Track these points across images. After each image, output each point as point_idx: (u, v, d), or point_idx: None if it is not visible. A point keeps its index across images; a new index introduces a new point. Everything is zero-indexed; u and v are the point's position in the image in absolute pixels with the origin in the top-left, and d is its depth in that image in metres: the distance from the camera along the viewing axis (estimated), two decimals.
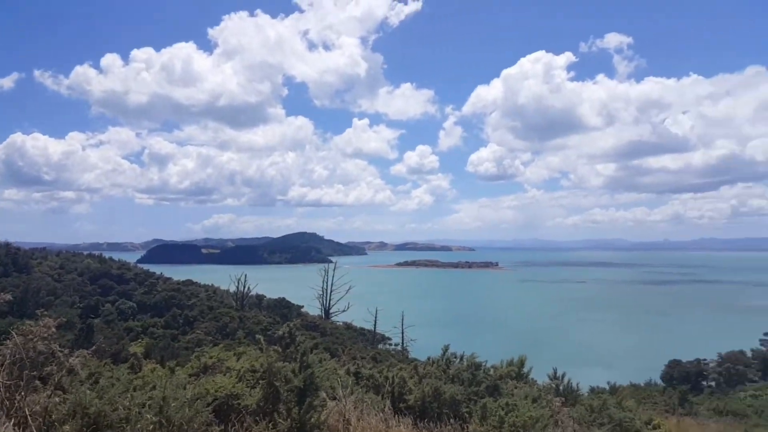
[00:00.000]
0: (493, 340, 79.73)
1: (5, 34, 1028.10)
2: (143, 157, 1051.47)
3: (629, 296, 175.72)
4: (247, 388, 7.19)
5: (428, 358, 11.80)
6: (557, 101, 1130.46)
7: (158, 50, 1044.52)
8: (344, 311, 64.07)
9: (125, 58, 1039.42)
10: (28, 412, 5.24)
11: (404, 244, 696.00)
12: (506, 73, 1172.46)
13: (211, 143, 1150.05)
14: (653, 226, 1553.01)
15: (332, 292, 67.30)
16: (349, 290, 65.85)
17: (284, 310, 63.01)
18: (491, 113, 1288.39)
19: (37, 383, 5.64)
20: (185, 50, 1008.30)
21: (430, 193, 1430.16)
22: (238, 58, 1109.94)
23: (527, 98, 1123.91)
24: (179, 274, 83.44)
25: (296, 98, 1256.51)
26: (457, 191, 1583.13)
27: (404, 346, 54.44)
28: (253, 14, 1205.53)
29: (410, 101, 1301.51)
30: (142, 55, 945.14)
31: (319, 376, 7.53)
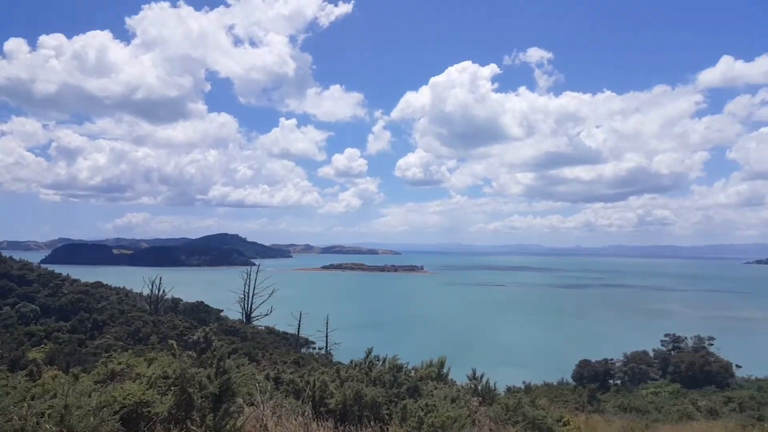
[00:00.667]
0: (417, 341, 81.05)
1: None
2: (50, 150, 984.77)
3: (545, 299, 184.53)
4: (158, 395, 6.94)
5: (351, 361, 11.75)
6: (482, 111, 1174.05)
7: (70, 37, 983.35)
8: (267, 315, 62.53)
9: (32, 44, 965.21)
10: None
11: (331, 247, 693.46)
12: (434, 80, 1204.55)
13: (125, 137, 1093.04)
14: (567, 232, 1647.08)
15: (254, 295, 65.56)
16: (272, 293, 64.39)
17: (202, 314, 60.67)
18: (419, 119, 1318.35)
19: None
20: (100, 39, 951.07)
21: (358, 196, 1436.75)
22: (157, 49, 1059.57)
23: (454, 106, 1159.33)
24: (88, 275, 78.18)
25: (220, 94, 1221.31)
26: (384, 195, 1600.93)
27: (328, 349, 54.03)
28: (175, 5, 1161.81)
29: (339, 103, 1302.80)
30: (51, 41, 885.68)
31: (236, 381, 7.31)
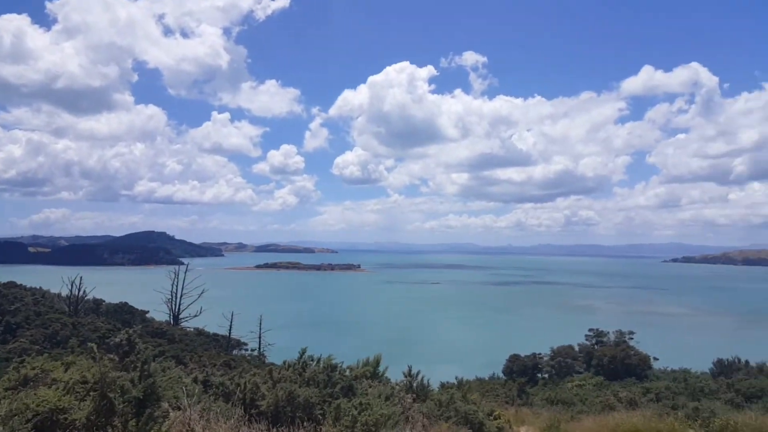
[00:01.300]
0: (354, 340, 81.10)
1: None
2: None
3: (478, 296, 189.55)
4: (76, 401, 6.50)
5: (284, 362, 11.52)
6: (419, 111, 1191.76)
7: None
8: (196, 316, 60.28)
9: None
10: None
11: (265, 245, 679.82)
12: (372, 79, 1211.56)
13: (44, 128, 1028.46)
14: (499, 232, 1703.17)
15: (183, 296, 62.98)
16: (202, 294, 62.14)
17: (126, 315, 57.75)
18: (357, 117, 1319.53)
19: None
20: (16, 23, 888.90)
21: (294, 193, 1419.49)
22: (80, 37, 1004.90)
23: (392, 106, 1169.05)
24: (0, 275, 72.80)
25: (148, 85, 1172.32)
26: (322, 193, 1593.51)
27: (261, 351, 52.87)
28: None
29: (275, 98, 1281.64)
30: None
31: (161, 385, 6.99)
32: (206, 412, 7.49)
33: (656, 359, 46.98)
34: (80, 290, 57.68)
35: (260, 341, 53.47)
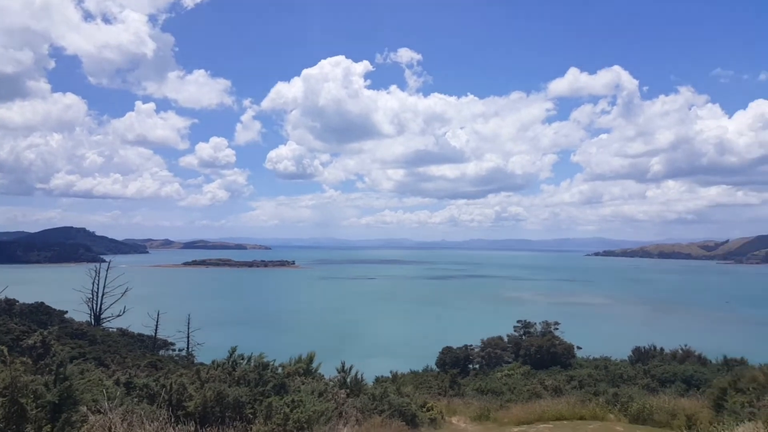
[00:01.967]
0: (289, 338, 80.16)
1: None
2: None
3: (414, 290, 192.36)
4: None
5: (213, 361, 11.21)
6: (355, 106, 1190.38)
7: None
8: (119, 316, 57.31)
9: None
10: None
11: (194, 242, 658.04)
12: (307, 72, 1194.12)
13: None
14: (434, 227, 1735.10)
15: (104, 295, 59.71)
16: (125, 292, 59.17)
17: (42, 316, 54.11)
18: (291, 111, 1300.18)
19: None
20: None
21: (224, 188, 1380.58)
22: None
23: (327, 100, 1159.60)
24: None
25: (66, 73, 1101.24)
26: (254, 188, 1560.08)
27: (190, 350, 51.14)
28: None
29: (204, 89, 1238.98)
30: None
31: (78, 388, 6.66)
32: (129, 414, 7.23)
33: (579, 348, 49.24)
34: None
35: (188, 341, 51.73)
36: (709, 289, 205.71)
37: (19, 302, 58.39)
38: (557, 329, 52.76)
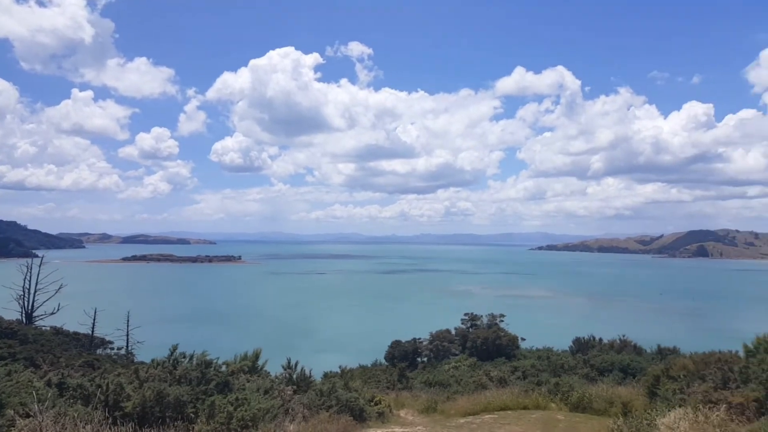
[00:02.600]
0: (235, 335, 78.68)
1: None
2: None
3: (364, 285, 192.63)
4: None
5: (153, 360, 10.81)
6: (304, 99, 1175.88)
7: None
8: (53, 314, 54.39)
9: None
10: None
11: (133, 236, 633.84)
12: (254, 63, 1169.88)
13: None
14: (384, 222, 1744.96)
15: (37, 291, 56.57)
16: (59, 289, 56.24)
17: None
18: (238, 102, 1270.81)
19: None
20: None
21: (167, 180, 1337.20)
22: None
23: (275, 92, 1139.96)
24: None
25: None
26: (198, 180, 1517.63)
27: (129, 349, 49.21)
28: None
29: (146, 77, 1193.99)
30: None
31: (4, 391, 6.25)
32: (61, 417, 6.88)
33: (523, 339, 50.65)
34: None
35: (128, 339, 49.76)
36: (644, 282, 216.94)
37: None
38: (503, 321, 53.99)
